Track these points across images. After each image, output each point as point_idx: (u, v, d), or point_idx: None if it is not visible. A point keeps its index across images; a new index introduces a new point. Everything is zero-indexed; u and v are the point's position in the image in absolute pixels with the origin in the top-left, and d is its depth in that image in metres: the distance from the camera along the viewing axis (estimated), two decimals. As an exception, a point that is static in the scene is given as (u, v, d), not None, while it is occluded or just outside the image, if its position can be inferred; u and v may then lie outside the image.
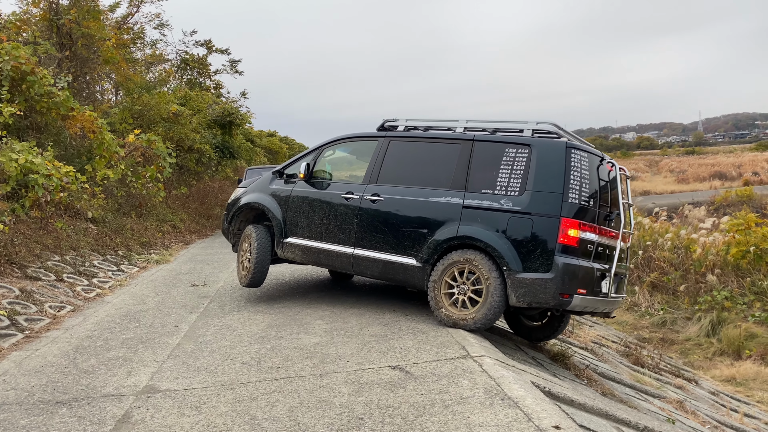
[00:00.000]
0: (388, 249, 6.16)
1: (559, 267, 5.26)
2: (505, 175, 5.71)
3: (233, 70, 27.98)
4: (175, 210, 16.86)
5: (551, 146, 5.65)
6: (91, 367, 5.09)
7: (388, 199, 6.25)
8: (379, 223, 6.25)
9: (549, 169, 5.52)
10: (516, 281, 5.38)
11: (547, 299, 5.34)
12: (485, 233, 5.56)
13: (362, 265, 6.36)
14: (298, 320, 6.28)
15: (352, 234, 6.42)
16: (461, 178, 5.93)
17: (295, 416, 3.86)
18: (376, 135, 6.82)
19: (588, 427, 3.89)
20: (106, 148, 12.47)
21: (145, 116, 17.44)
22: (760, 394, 9.56)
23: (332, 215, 6.61)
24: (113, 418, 4.01)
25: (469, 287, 5.61)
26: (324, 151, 7.15)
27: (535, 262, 5.35)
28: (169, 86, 23.95)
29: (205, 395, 4.32)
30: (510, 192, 5.62)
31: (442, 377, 4.40)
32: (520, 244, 5.43)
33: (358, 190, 6.50)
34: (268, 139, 35.64)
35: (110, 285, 8.85)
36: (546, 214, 5.39)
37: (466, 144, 6.07)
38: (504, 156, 5.78)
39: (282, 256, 7.12)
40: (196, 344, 5.64)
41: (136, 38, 22.51)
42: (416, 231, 6.00)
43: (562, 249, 5.31)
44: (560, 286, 5.26)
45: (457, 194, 5.86)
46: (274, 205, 7.12)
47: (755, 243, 13.20)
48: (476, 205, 5.72)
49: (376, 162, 6.59)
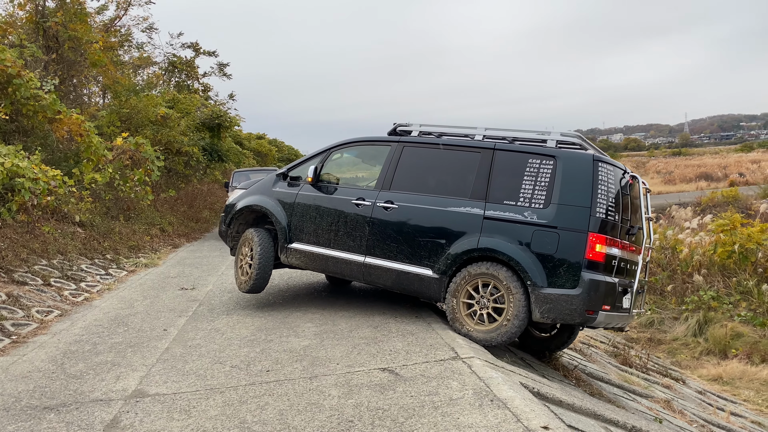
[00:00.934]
0: (402, 259, 5.98)
1: (586, 283, 5.13)
2: (528, 187, 5.55)
3: (221, 73, 27.92)
4: (164, 213, 16.77)
5: (578, 159, 5.51)
6: (79, 372, 5.06)
7: (403, 207, 6.06)
8: (393, 231, 6.06)
9: (576, 182, 5.39)
10: (540, 297, 5.23)
11: (573, 316, 5.21)
12: (508, 246, 5.40)
13: (374, 274, 6.17)
14: (287, 323, 6.27)
15: (363, 242, 6.23)
16: (481, 188, 5.76)
17: (284, 419, 3.86)
18: (388, 140, 6.61)
19: (576, 427, 3.92)
20: (93, 151, 12.39)
21: (133, 119, 17.36)
22: (746, 393, 9.65)
23: (341, 221, 6.40)
24: (102, 423, 3.99)
25: (489, 301, 5.46)
26: (332, 154, 6.93)
27: (561, 277, 5.21)
28: (157, 89, 23.84)
29: (195, 399, 4.31)
30: (534, 204, 5.46)
31: (432, 379, 4.41)
32: (545, 259, 5.28)
33: (369, 197, 6.31)
34: (257, 142, 35.57)
35: (98, 289, 8.79)
36: (573, 228, 5.26)
37: (486, 153, 5.88)
38: (527, 167, 5.61)
39: (286, 262, 6.89)
40: (185, 348, 5.62)
41: (123, 41, 22.41)
42: (433, 241, 5.82)
43: (588, 264, 5.18)
44: (587, 302, 5.13)
45: (477, 205, 5.69)
46: (278, 209, 6.89)
47: (740, 243, 13.33)
48: (498, 217, 5.55)
49: (389, 168, 6.37)
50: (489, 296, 5.46)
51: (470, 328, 5.50)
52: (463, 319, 5.55)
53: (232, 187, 15.84)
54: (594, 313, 5.18)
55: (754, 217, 20.58)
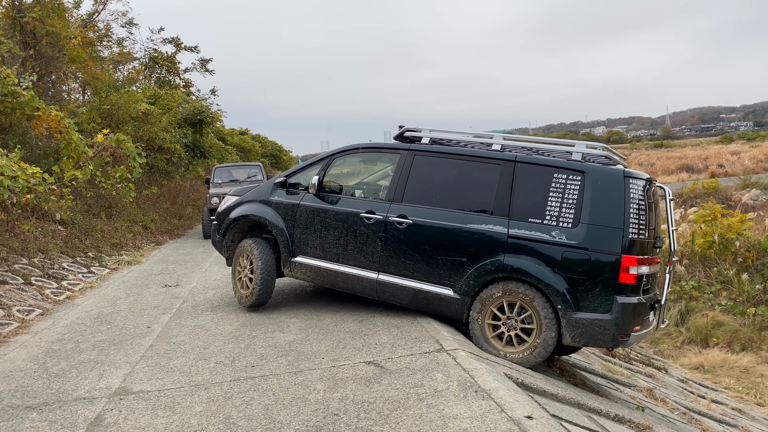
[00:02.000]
0: (419, 277, 5.66)
1: (619, 307, 4.90)
2: (555, 204, 5.23)
3: (203, 69, 27.70)
4: (146, 210, 16.64)
5: (608, 175, 5.19)
6: (61, 371, 5.01)
7: (419, 223, 5.69)
8: (408, 248, 5.71)
9: (607, 200, 5.08)
10: (572, 321, 5.00)
11: (606, 341, 5.02)
12: (536, 268, 5.12)
13: (388, 292, 5.85)
14: (272, 319, 6.26)
15: (375, 258, 5.88)
16: (503, 204, 5.41)
17: (270, 414, 3.86)
18: (397, 147, 6.20)
19: (560, 416, 3.97)
20: (73, 148, 12.25)
21: (114, 116, 17.18)
22: (727, 381, 9.81)
23: (351, 235, 6.03)
24: (85, 421, 3.96)
25: (517, 322, 5.22)
26: (334, 161, 6.51)
27: (592, 301, 4.97)
28: (137, 85, 23.60)
29: (179, 396, 4.29)
30: (562, 223, 5.16)
31: (417, 371, 4.43)
32: (575, 282, 5.02)
33: (380, 210, 5.92)
34: (240, 138, 35.37)
35: (80, 287, 8.71)
36: (605, 250, 4.97)
37: (507, 165, 5.51)
38: (553, 182, 5.28)
39: (289, 275, 6.56)
40: (170, 345, 5.59)
41: (102, 36, 22.13)
42: (453, 260, 5.49)
43: (621, 288, 4.94)
44: (620, 327, 4.92)
45: (500, 222, 5.36)
46: (278, 219, 6.50)
47: (721, 233, 13.51)
48: (524, 236, 5.24)
49: (399, 178, 5.98)
50: (516, 317, 5.21)
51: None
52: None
53: (213, 183, 15.64)
54: (626, 336, 4.99)
55: (734, 207, 20.88)
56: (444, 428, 3.49)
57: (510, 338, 5.24)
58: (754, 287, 12.38)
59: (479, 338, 5.34)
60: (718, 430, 6.31)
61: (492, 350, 5.25)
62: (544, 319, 5.08)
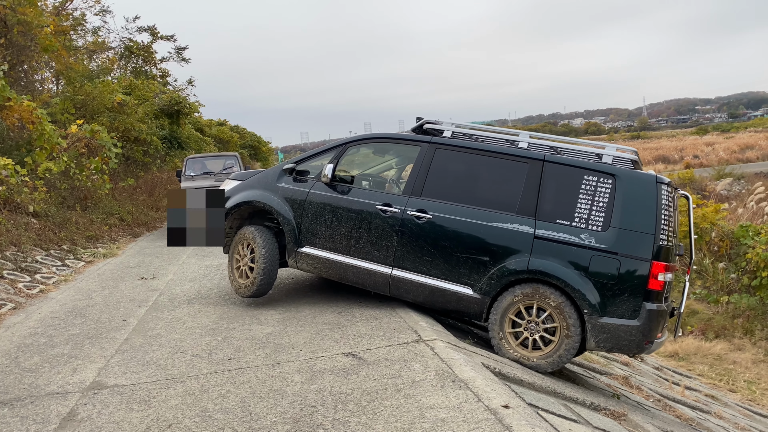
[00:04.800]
0: (437, 274, 5.49)
1: (646, 314, 4.86)
2: (584, 206, 5.13)
3: (179, 58, 27.33)
4: (122, 202, 16.41)
5: (641, 180, 5.12)
6: (34, 366, 4.93)
7: (439, 218, 5.51)
8: (427, 244, 5.52)
9: (639, 205, 5.01)
10: (597, 326, 4.92)
11: (631, 347, 4.96)
12: (563, 270, 5.01)
13: (402, 288, 5.66)
14: (250, 311, 6.22)
15: (390, 252, 5.68)
16: (530, 204, 5.28)
17: (247, 407, 3.83)
18: (417, 139, 5.99)
19: (537, 405, 4.00)
20: (46, 139, 12.00)
21: (89, 106, 16.87)
22: (701, 368, 9.99)
23: (364, 228, 5.81)
24: (58, 416, 3.90)
25: (539, 326, 5.11)
26: (348, 150, 6.28)
27: (620, 307, 4.90)
28: (112, 75, 23.22)
29: (155, 389, 4.24)
30: (591, 226, 5.07)
31: (395, 362, 4.43)
32: (603, 287, 4.93)
33: (397, 203, 5.72)
34: (218, 129, 34.99)
35: (54, 281, 8.57)
36: (636, 256, 4.90)
37: (534, 164, 5.38)
38: (583, 184, 5.18)
39: (294, 266, 6.31)
40: (145, 338, 5.53)
41: (76, 25, 21.69)
42: (474, 258, 5.33)
43: (649, 294, 4.89)
44: (646, 333, 4.89)
45: (527, 221, 5.24)
46: (284, 207, 6.22)
47: (696, 223, 13.72)
48: (551, 237, 5.12)
49: (419, 171, 5.78)
50: (537, 319, 5.10)
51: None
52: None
53: (185, 175, 14.82)
54: (650, 343, 4.97)
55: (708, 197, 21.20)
56: (421, 418, 3.49)
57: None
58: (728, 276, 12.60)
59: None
60: (692, 416, 6.42)
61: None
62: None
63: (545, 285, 5.09)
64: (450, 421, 3.44)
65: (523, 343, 5.16)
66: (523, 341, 5.16)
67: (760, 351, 10.50)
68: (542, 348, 5.09)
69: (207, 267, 9.07)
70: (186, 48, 27.42)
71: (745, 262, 12.45)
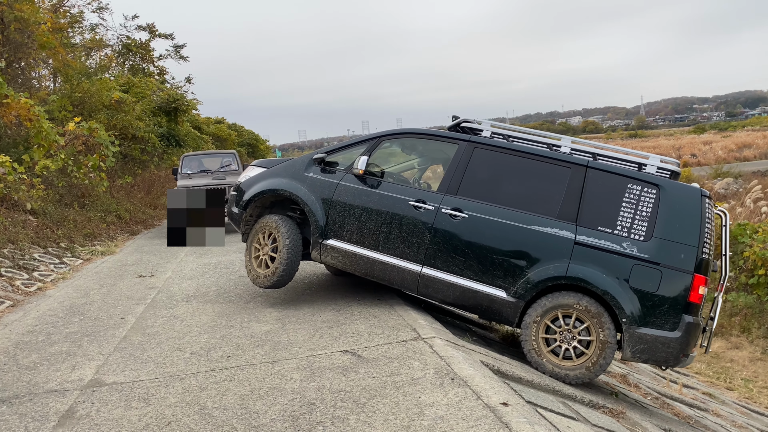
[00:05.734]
0: (470, 275, 5.36)
1: (685, 326, 4.81)
2: (627, 215, 5.08)
3: (177, 56, 27.28)
4: (120, 200, 16.39)
5: (685, 192, 5.09)
6: (32, 363, 4.92)
7: (475, 218, 5.39)
8: (461, 244, 5.39)
9: (683, 217, 4.98)
10: (635, 336, 4.87)
11: (668, 359, 4.90)
12: (604, 279, 4.93)
13: (432, 287, 5.53)
14: (248, 308, 6.21)
15: (421, 250, 5.55)
16: (571, 209, 5.21)
17: (246, 404, 3.83)
18: (455, 137, 5.88)
19: (535, 402, 4.00)
20: (44, 137, 11.97)
21: (86, 104, 16.84)
22: (698, 366, 10.01)
23: (395, 223, 5.67)
24: (57, 413, 3.89)
25: (575, 335, 5.00)
26: (381, 143, 6.14)
27: (660, 318, 4.85)
28: (110, 72, 23.17)
29: (154, 387, 4.24)
30: (633, 235, 5.01)
31: (394, 360, 4.44)
32: (643, 297, 4.87)
33: (432, 200, 5.60)
34: (216, 127, 34.97)
35: (52, 278, 8.56)
36: (678, 268, 4.86)
37: (577, 169, 5.32)
38: (627, 192, 5.13)
39: (317, 259, 6.13)
40: (144, 336, 5.52)
41: (73, 22, 21.64)
42: (510, 261, 5.22)
43: (689, 307, 4.85)
44: (684, 346, 4.84)
45: (567, 227, 5.15)
46: (311, 198, 6.04)
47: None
48: (592, 244, 5.04)
49: (456, 170, 5.66)
50: (573, 328, 5.00)
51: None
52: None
53: (181, 173, 14.30)
54: (686, 356, 4.92)
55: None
56: (420, 416, 3.50)
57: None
58: (725, 274, 12.61)
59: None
60: (690, 414, 6.43)
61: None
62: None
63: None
64: (449, 418, 3.44)
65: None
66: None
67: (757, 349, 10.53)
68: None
69: (205, 265, 9.07)
70: (184, 46, 27.43)
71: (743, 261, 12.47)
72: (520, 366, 5.08)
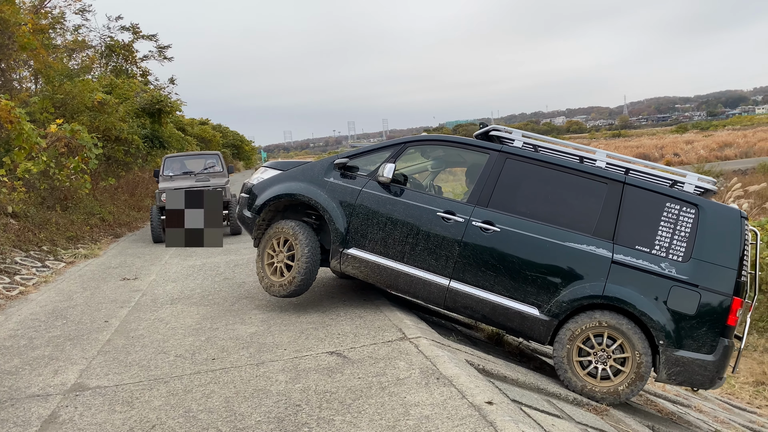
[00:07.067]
0: (501, 291, 5.20)
1: (722, 349, 4.79)
2: (665, 234, 4.99)
3: (161, 56, 27.07)
4: (104, 202, 16.24)
5: (725, 214, 5.02)
6: (14, 368, 4.87)
7: (507, 232, 5.21)
8: (493, 258, 5.22)
9: (722, 239, 4.91)
10: (672, 359, 4.82)
11: (704, 382, 4.86)
12: (641, 299, 4.85)
13: (460, 302, 5.35)
14: (234, 311, 6.19)
15: (449, 263, 5.35)
16: (608, 226, 5.09)
17: (231, 406, 3.82)
18: (485, 146, 5.66)
19: (520, 401, 4.03)
20: (25, 139, 11.82)
21: (68, 105, 16.65)
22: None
23: (422, 234, 5.45)
24: (39, 419, 3.85)
25: (610, 356, 4.92)
26: (406, 150, 5.92)
27: (697, 341, 4.79)
28: (93, 74, 22.95)
29: (138, 390, 4.21)
30: (672, 255, 4.94)
31: (380, 360, 4.44)
32: (681, 318, 4.81)
33: (461, 211, 5.40)
34: (200, 128, 34.79)
35: (34, 282, 8.46)
36: (717, 290, 4.80)
37: (614, 185, 5.19)
38: (665, 211, 5.04)
39: (336, 268, 5.87)
40: (128, 339, 5.48)
41: (55, 23, 21.40)
42: (544, 278, 5.08)
43: (726, 330, 4.80)
44: (720, 369, 4.81)
45: (604, 244, 5.03)
46: (332, 205, 5.78)
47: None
48: (630, 263, 4.94)
49: (487, 180, 5.45)
50: (607, 348, 4.93)
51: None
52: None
53: (163, 176, 13.65)
54: (720, 378, 4.90)
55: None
56: (406, 416, 3.51)
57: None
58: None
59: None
60: (673, 410, 6.50)
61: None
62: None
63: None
64: (434, 417, 3.45)
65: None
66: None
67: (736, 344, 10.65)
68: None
69: (190, 267, 9.02)
70: (168, 47, 27.19)
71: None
72: (505, 365, 5.10)
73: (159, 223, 12.19)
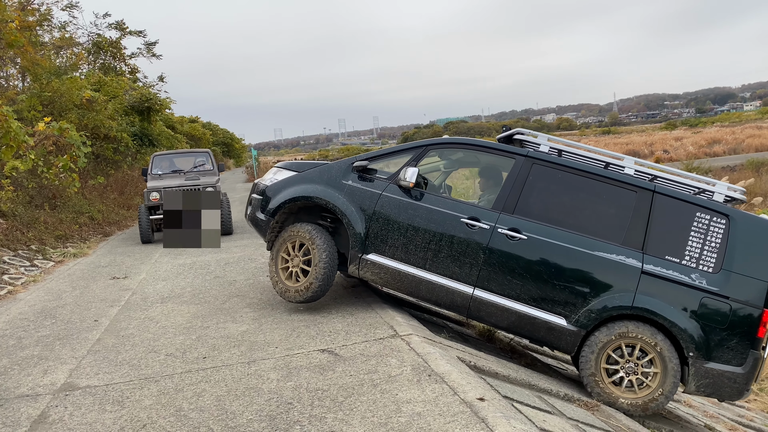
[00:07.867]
0: (527, 300, 5.09)
1: (753, 362, 4.77)
2: (696, 245, 4.93)
3: (150, 53, 26.91)
4: (93, 201, 16.13)
5: (756, 224, 4.97)
6: (2, 368, 4.83)
7: (534, 240, 5.09)
8: (518, 266, 5.09)
9: (754, 250, 4.87)
10: (701, 371, 4.78)
11: (733, 394, 4.84)
12: (671, 310, 4.79)
13: (484, 310, 5.22)
14: (225, 309, 6.17)
15: (474, 271, 5.21)
16: (638, 235, 5.01)
17: (222, 405, 3.81)
18: (512, 151, 5.51)
19: (511, 397, 4.04)
20: (13, 137, 11.70)
21: (56, 103, 16.53)
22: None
23: (445, 241, 5.30)
24: (28, 419, 3.82)
25: (640, 367, 4.88)
26: (428, 152, 5.77)
27: (727, 353, 4.77)
28: (81, 71, 22.77)
29: (128, 389, 4.19)
30: (702, 266, 4.88)
31: (371, 357, 4.44)
32: (711, 331, 4.77)
33: (486, 218, 5.25)
34: (190, 126, 34.63)
35: (23, 281, 8.40)
36: (748, 302, 4.76)
37: (644, 194, 5.10)
38: (695, 221, 4.97)
39: (354, 274, 5.71)
40: (118, 338, 5.45)
41: (42, 20, 21.22)
42: (572, 288, 4.98)
43: (756, 342, 4.77)
44: (749, 381, 4.79)
45: (634, 254, 4.95)
46: (350, 209, 5.61)
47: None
48: (660, 274, 4.87)
49: (513, 187, 5.32)
50: (636, 360, 4.88)
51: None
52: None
53: (152, 174, 13.26)
54: (748, 390, 4.87)
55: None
56: (398, 413, 3.51)
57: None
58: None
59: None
60: (663, 405, 6.54)
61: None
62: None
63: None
64: (426, 414, 3.46)
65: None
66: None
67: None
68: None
69: (180, 266, 8.97)
70: (156, 43, 27.06)
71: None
72: (497, 361, 5.12)
73: (148, 223, 11.84)
